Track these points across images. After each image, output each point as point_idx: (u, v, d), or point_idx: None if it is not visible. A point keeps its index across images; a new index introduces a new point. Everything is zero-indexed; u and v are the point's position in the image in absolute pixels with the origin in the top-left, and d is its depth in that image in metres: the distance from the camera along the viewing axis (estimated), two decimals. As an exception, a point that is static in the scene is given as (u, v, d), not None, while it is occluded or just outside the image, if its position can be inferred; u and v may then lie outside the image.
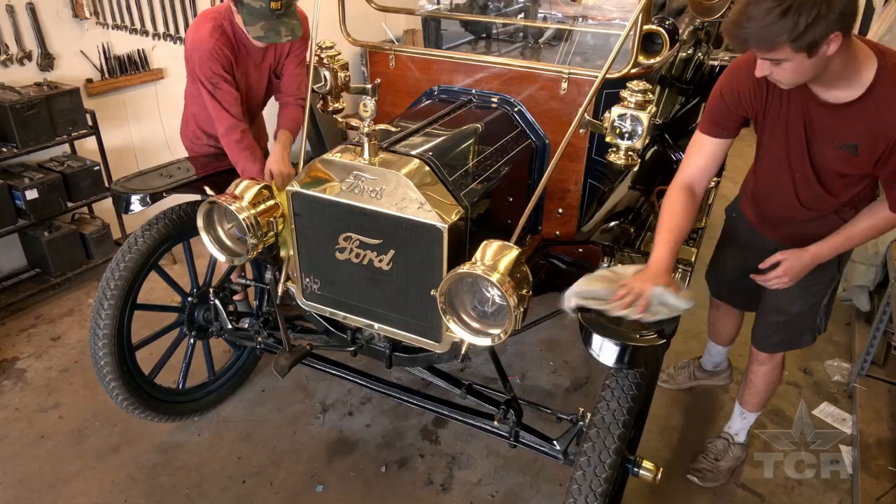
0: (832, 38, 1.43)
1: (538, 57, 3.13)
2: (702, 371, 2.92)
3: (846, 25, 1.43)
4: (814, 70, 1.53)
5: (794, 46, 1.44)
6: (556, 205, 2.44)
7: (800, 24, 1.39)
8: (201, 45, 2.30)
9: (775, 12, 1.39)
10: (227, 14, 2.34)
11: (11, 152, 3.12)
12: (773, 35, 1.42)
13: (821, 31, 1.41)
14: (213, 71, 2.31)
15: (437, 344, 1.95)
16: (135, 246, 2.23)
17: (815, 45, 1.44)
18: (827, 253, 1.89)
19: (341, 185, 1.86)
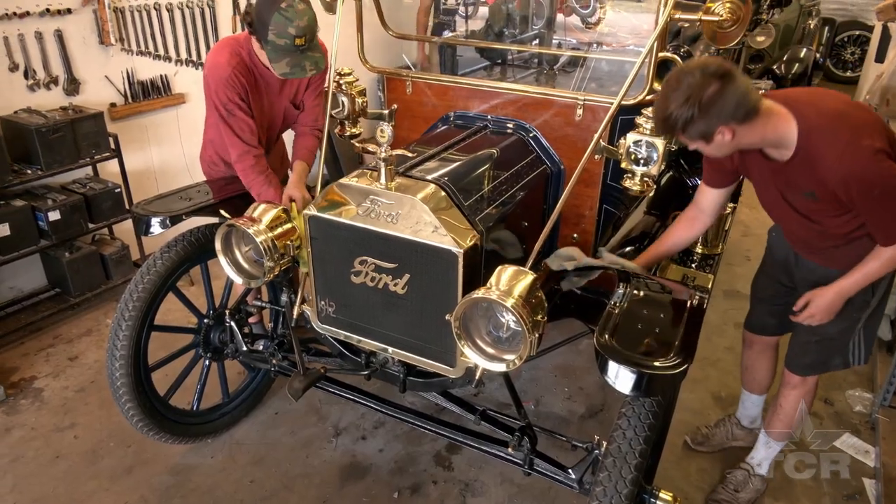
0: (721, 131, 1.67)
1: (553, 83, 3.16)
2: (740, 428, 2.70)
3: (734, 119, 1.65)
4: (722, 150, 1.77)
5: (687, 137, 1.71)
6: (572, 230, 2.44)
7: (678, 126, 1.67)
8: (218, 71, 2.34)
9: (668, 109, 1.66)
10: (246, 43, 2.38)
11: (36, 174, 3.19)
12: (667, 129, 1.71)
13: (701, 128, 1.66)
14: (228, 97, 2.35)
15: (452, 369, 1.94)
16: (153, 267, 2.26)
17: (707, 137, 1.69)
18: (850, 287, 1.96)
19: (358, 209, 1.87)
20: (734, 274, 4.07)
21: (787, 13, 5.53)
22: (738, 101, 1.63)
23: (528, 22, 3.63)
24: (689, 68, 1.66)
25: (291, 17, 2.18)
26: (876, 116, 1.83)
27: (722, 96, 1.61)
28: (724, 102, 1.62)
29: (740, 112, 1.64)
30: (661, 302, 1.96)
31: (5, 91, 3.22)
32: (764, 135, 1.74)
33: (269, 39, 2.22)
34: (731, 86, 1.62)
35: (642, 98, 2.08)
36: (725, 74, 1.61)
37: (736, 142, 1.72)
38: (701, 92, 1.61)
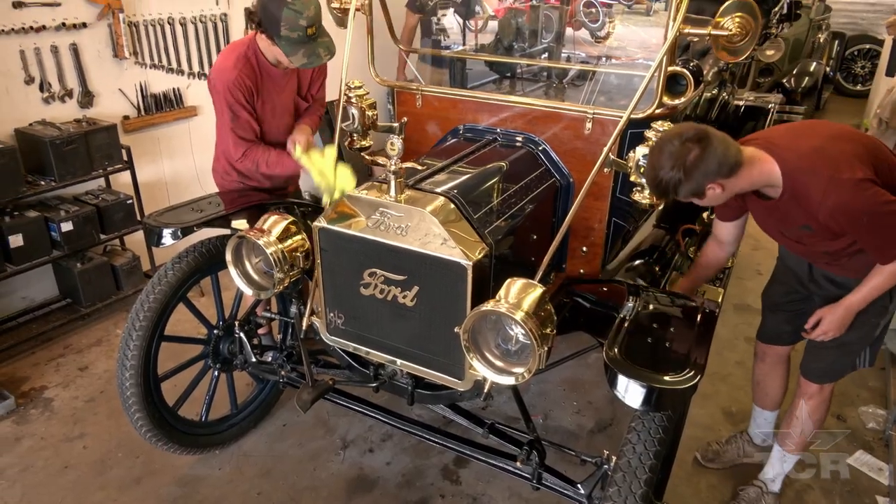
0: (710, 187, 1.78)
1: (562, 96, 3.17)
2: (752, 446, 2.67)
3: (719, 175, 1.76)
4: (718, 201, 1.89)
5: (680, 197, 1.82)
6: (581, 243, 2.44)
7: (668, 190, 1.80)
8: (225, 74, 2.41)
9: (656, 178, 1.80)
10: (252, 44, 2.45)
11: (49, 186, 3.23)
12: (661, 192, 1.83)
13: (691, 188, 1.78)
14: (235, 99, 2.42)
15: (460, 382, 1.93)
16: (164, 278, 2.28)
17: (698, 194, 1.81)
18: (859, 302, 2.02)
19: (367, 221, 1.88)
20: (745, 288, 4.04)
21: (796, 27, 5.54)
22: (720, 161, 1.74)
23: (537, 36, 3.65)
24: (669, 137, 1.79)
25: (300, 10, 2.26)
26: (857, 145, 1.88)
27: (703, 159, 1.73)
28: (707, 164, 1.74)
29: (724, 169, 1.76)
30: (672, 316, 1.95)
31: (21, 104, 3.27)
32: (752, 180, 1.85)
33: (283, 35, 2.28)
34: (710, 147, 1.73)
35: (651, 112, 2.08)
36: (703, 138, 1.74)
37: (728, 193, 1.84)
38: (683, 158, 1.74)
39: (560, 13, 3.64)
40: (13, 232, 3.10)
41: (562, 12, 3.64)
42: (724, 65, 3.23)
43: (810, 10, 6.26)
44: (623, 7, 3.80)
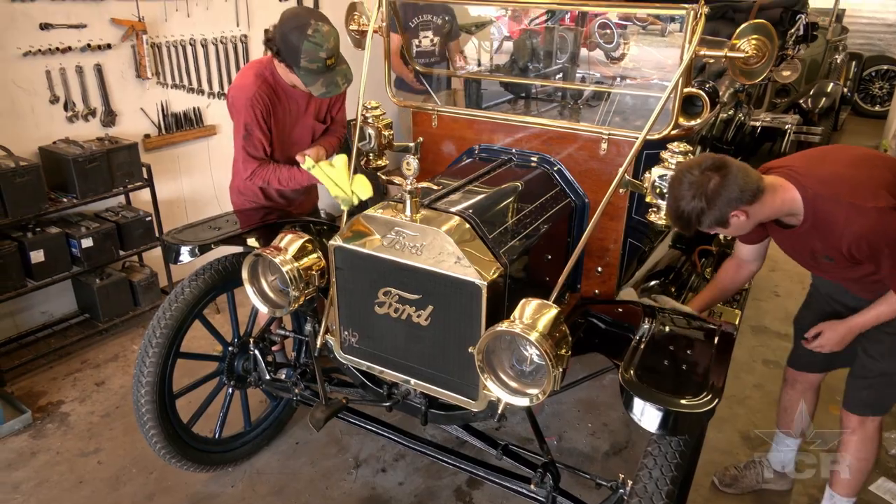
0: (734, 214, 1.77)
1: (577, 116, 3.18)
2: (771, 472, 2.63)
3: (742, 202, 1.75)
4: (742, 229, 1.86)
5: (703, 227, 1.81)
6: (596, 263, 2.43)
7: (692, 221, 1.79)
8: (243, 91, 2.45)
9: (679, 209, 1.79)
10: (270, 65, 2.49)
11: (71, 202, 3.28)
12: (684, 223, 1.82)
13: (715, 217, 1.76)
14: (252, 116, 2.45)
15: (474, 402, 1.92)
16: (181, 295, 2.30)
17: (723, 223, 1.79)
18: (861, 325, 2.04)
19: (383, 240, 1.89)
20: (761, 309, 3.99)
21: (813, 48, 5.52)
22: (741, 187, 1.74)
23: (552, 56, 3.67)
24: (688, 167, 1.78)
25: (321, 42, 2.29)
26: (880, 170, 1.87)
27: (724, 186, 1.73)
28: (729, 191, 1.73)
29: (746, 195, 1.76)
30: (688, 338, 1.93)
31: (45, 122, 3.35)
32: (774, 208, 1.85)
33: (302, 66, 2.33)
34: (731, 175, 1.73)
35: (667, 133, 2.08)
36: (721, 166, 1.74)
37: (751, 221, 1.82)
38: (704, 187, 1.73)
39: (575, 34, 3.66)
40: (35, 248, 3.15)
41: (577, 33, 3.66)
42: (740, 86, 3.23)
43: (827, 31, 6.24)
44: (638, 28, 3.81)
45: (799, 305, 2.50)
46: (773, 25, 1.96)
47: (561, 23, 3.83)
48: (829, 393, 2.59)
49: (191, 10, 3.82)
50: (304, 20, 2.30)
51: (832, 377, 2.48)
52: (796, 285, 4.26)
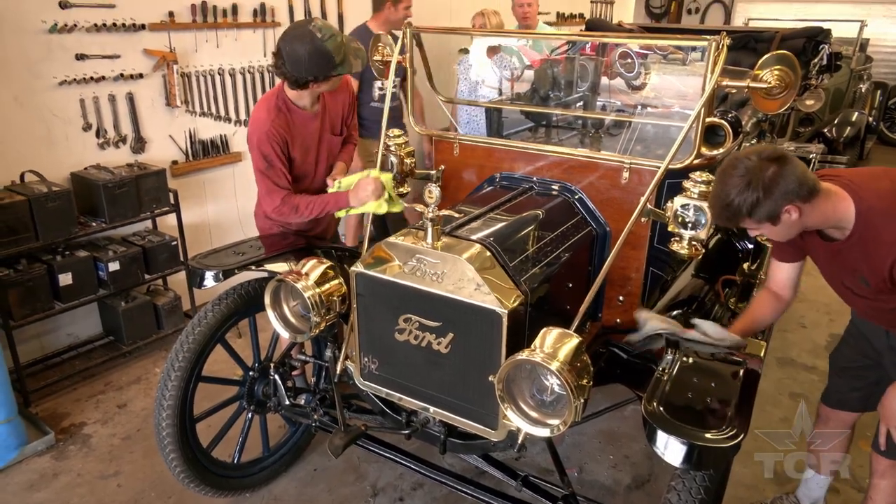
0: (788, 210, 1.69)
1: (599, 145, 3.19)
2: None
3: (798, 197, 1.67)
4: (790, 231, 1.78)
5: (754, 220, 1.71)
6: (617, 292, 2.41)
7: (747, 206, 1.68)
8: (260, 126, 2.47)
9: (729, 197, 1.69)
10: (281, 93, 2.52)
11: (100, 227, 3.36)
12: (732, 215, 1.72)
13: (770, 208, 1.67)
14: (271, 149, 2.46)
15: (494, 431, 1.90)
16: (204, 319, 2.32)
17: (774, 217, 1.70)
18: None
19: (404, 267, 1.90)
20: (788, 341, 3.91)
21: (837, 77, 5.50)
22: (799, 180, 1.66)
23: (573, 86, 3.70)
24: (745, 154, 1.70)
25: (331, 33, 2.36)
26: None
27: (783, 176, 1.65)
28: (787, 181, 1.65)
29: (804, 190, 1.67)
30: (713, 370, 1.90)
31: (78, 149, 3.44)
32: (825, 214, 1.76)
33: (337, 63, 2.37)
34: (790, 166, 1.66)
35: (689, 162, 2.07)
36: (781, 157, 1.67)
37: (802, 221, 1.74)
38: (762, 174, 1.65)
39: (596, 64, 3.69)
40: (63, 271, 3.22)
41: (597, 63, 3.69)
42: (763, 115, 3.22)
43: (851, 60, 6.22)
44: (659, 57, 3.83)
45: (826, 336, 2.46)
46: (796, 55, 1.97)
47: (582, 52, 3.86)
48: (860, 428, 2.51)
49: (220, 41, 3.93)
50: (306, 34, 2.33)
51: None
52: (823, 316, 4.17)
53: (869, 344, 2.17)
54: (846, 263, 1.87)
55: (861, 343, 2.21)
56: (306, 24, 2.37)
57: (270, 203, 2.53)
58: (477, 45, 4.14)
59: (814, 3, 10.51)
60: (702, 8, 11.58)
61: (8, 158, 3.19)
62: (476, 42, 4.16)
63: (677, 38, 3.36)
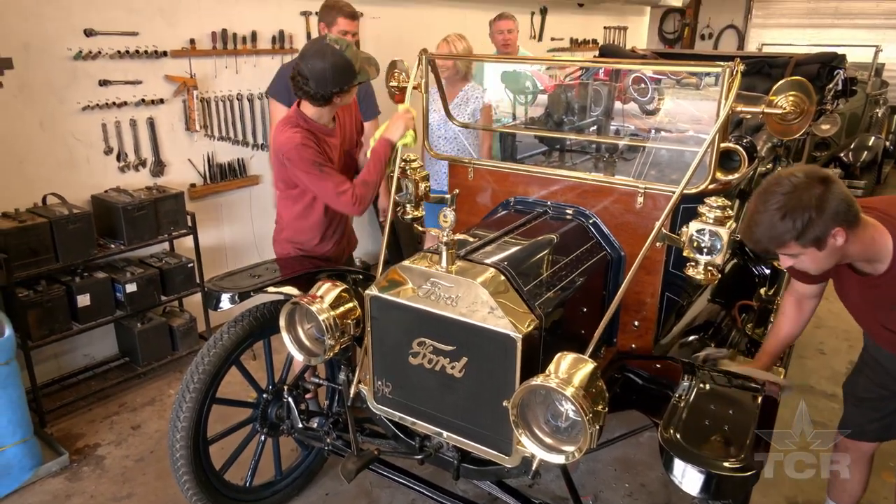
0: (835, 233, 1.63)
1: (613, 169, 3.19)
2: None
3: (845, 221, 1.62)
4: (830, 259, 1.72)
5: (800, 243, 1.65)
6: (632, 317, 2.39)
7: (797, 226, 1.61)
8: (291, 141, 2.46)
9: (775, 217, 1.63)
10: (298, 115, 2.55)
11: (119, 249, 3.40)
12: (778, 236, 1.65)
13: (819, 230, 1.61)
14: (312, 155, 2.47)
15: (508, 457, 1.88)
16: (220, 341, 2.33)
17: (821, 241, 1.64)
18: None
19: (418, 291, 1.91)
20: (806, 368, 3.85)
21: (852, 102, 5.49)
22: (847, 202, 1.62)
23: (586, 110, 3.73)
24: (787, 173, 1.65)
25: (346, 43, 2.43)
26: None
27: (832, 196, 1.60)
28: (836, 202, 1.60)
29: (851, 214, 1.63)
30: (731, 397, 1.87)
31: (99, 172, 3.51)
32: (865, 244, 1.72)
33: (357, 71, 2.44)
34: (836, 186, 1.61)
35: (705, 187, 2.07)
36: (827, 177, 1.62)
37: (844, 249, 1.68)
38: (811, 192, 1.59)
39: (609, 89, 3.72)
40: (81, 292, 3.26)
41: (611, 88, 3.72)
42: (778, 140, 3.21)
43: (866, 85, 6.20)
44: (672, 82, 3.85)
45: (845, 363, 2.42)
46: (811, 81, 1.97)
47: (595, 77, 3.89)
48: (882, 458, 2.46)
49: (239, 68, 4.01)
50: (322, 46, 2.41)
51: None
52: (842, 343, 4.10)
53: (889, 375, 2.13)
54: (882, 299, 1.82)
55: (878, 373, 2.17)
56: (321, 40, 2.45)
57: (345, 197, 2.49)
58: None
59: (828, 29, 10.54)
60: (715, 33, 11.65)
61: (31, 181, 3.26)
62: None
63: (691, 65, 3.38)
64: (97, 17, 3.36)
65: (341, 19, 3.38)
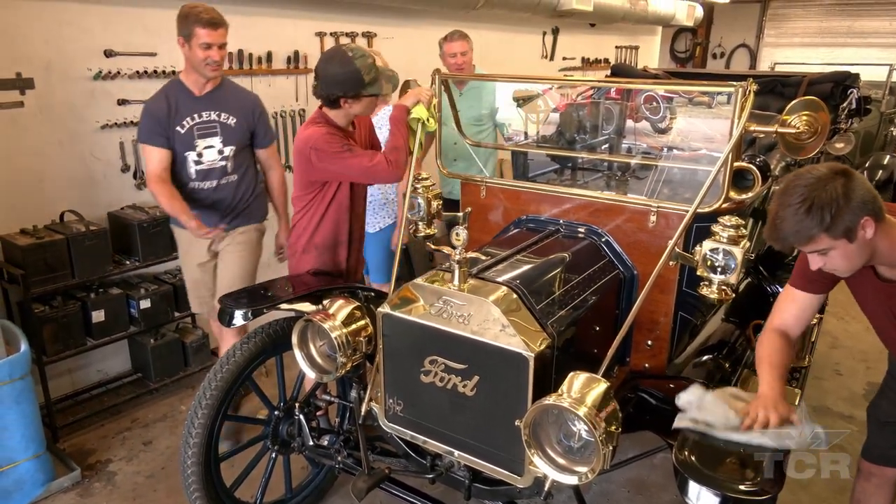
0: (864, 223, 1.58)
1: (625, 188, 3.19)
2: None
3: (873, 211, 1.59)
4: (862, 254, 1.66)
5: (830, 235, 1.58)
6: (645, 336, 2.38)
7: (825, 218, 1.55)
8: (317, 132, 2.51)
9: (801, 210, 1.57)
10: (322, 117, 2.60)
11: (134, 265, 3.44)
12: (807, 229, 1.58)
13: (849, 219, 1.56)
14: (339, 140, 2.51)
15: (520, 478, 1.87)
16: (233, 358, 2.34)
17: (851, 232, 1.58)
18: None
19: (430, 309, 1.91)
20: (823, 389, 3.79)
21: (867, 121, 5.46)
22: (872, 192, 1.59)
23: (598, 129, 3.74)
24: (806, 169, 1.62)
25: (362, 53, 2.47)
26: None
27: (855, 185, 1.57)
28: (862, 192, 1.57)
29: (876, 204, 1.59)
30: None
31: (116, 189, 3.56)
32: (892, 241, 1.67)
33: (367, 82, 2.46)
34: (857, 177, 1.59)
35: (718, 206, 2.07)
36: (847, 170, 1.60)
37: (873, 243, 1.64)
38: (834, 183, 1.56)
39: (621, 107, 3.73)
40: (96, 308, 3.29)
41: (623, 107, 3.73)
42: (792, 158, 3.20)
43: (881, 103, 6.18)
44: (684, 100, 3.86)
45: (863, 385, 2.38)
46: (824, 100, 1.97)
47: (607, 96, 3.91)
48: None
49: (255, 87, 4.06)
50: (339, 53, 2.48)
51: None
52: (859, 364, 4.04)
53: None
54: None
55: None
56: (340, 46, 2.53)
57: (381, 165, 2.51)
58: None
59: (840, 48, 10.54)
60: (727, 52, 11.68)
61: (50, 198, 3.32)
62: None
63: (704, 84, 3.38)
64: (117, 39, 3.43)
65: (199, 30, 2.75)
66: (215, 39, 2.79)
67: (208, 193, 3.01)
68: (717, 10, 11.32)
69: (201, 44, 2.76)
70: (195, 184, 2.98)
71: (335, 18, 4.54)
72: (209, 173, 2.98)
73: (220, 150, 2.97)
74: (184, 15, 2.79)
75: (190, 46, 2.78)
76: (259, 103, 3.12)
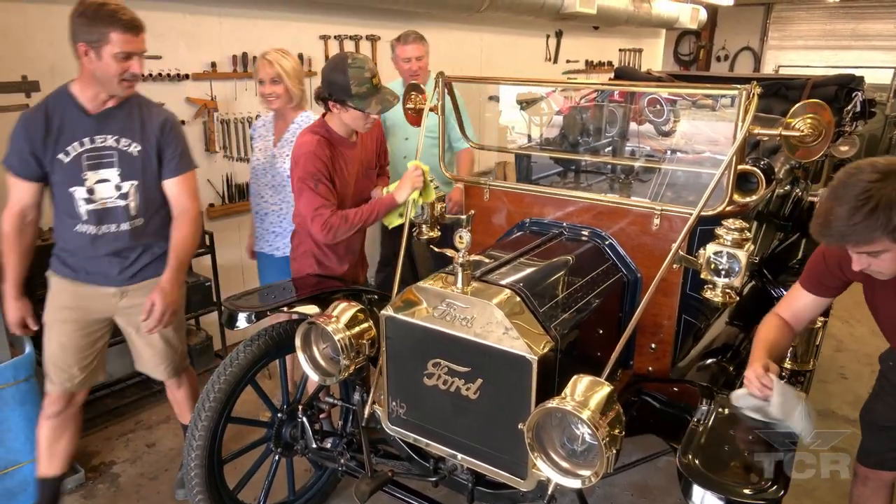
0: None
1: (628, 191, 3.19)
2: None
3: None
4: None
5: (892, 237, 1.49)
6: (649, 339, 2.37)
7: (893, 219, 1.45)
8: (305, 147, 2.57)
9: (863, 210, 1.46)
10: (322, 125, 2.64)
11: (138, 267, 3.43)
12: (868, 231, 1.48)
13: None
14: (317, 168, 2.53)
15: (523, 481, 1.87)
16: (236, 360, 2.34)
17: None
18: None
19: (434, 311, 1.91)
20: (828, 392, 3.78)
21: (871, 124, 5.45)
22: None
23: (601, 132, 3.74)
24: (870, 161, 1.54)
25: (362, 65, 2.49)
26: None
27: None
28: None
29: None
30: (751, 422, 1.84)
31: (121, 192, 3.56)
32: None
33: (354, 93, 2.48)
34: None
35: (722, 209, 2.06)
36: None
37: None
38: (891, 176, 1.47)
39: (625, 110, 3.73)
40: (101, 310, 3.28)
41: (626, 109, 3.73)
42: (796, 161, 3.19)
43: (885, 106, 6.17)
44: (688, 103, 3.86)
45: (868, 388, 2.37)
46: (829, 103, 1.97)
47: (610, 99, 3.91)
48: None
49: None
50: (340, 57, 2.53)
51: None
52: (865, 367, 4.03)
53: None
54: None
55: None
56: (347, 53, 2.56)
57: (320, 218, 2.52)
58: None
59: (844, 51, 10.52)
60: (731, 55, 11.67)
61: (55, 201, 3.32)
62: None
63: (707, 87, 3.38)
64: (122, 42, 3.44)
65: (116, 35, 2.12)
66: (136, 47, 2.18)
67: (107, 241, 2.34)
68: (720, 12, 11.31)
69: (117, 53, 2.13)
70: (86, 228, 2.31)
71: (339, 22, 4.56)
72: (104, 215, 2.31)
73: (118, 185, 2.29)
74: (90, 14, 2.11)
75: (98, 55, 2.14)
76: (170, 120, 2.39)
